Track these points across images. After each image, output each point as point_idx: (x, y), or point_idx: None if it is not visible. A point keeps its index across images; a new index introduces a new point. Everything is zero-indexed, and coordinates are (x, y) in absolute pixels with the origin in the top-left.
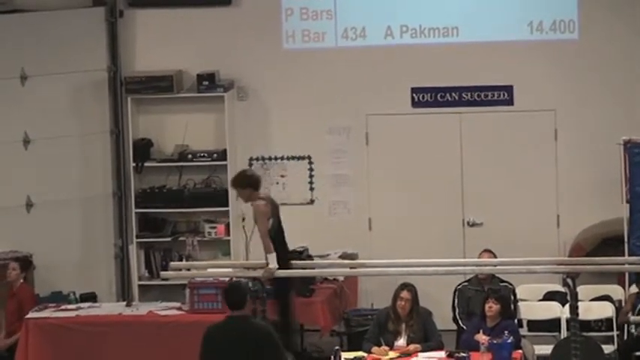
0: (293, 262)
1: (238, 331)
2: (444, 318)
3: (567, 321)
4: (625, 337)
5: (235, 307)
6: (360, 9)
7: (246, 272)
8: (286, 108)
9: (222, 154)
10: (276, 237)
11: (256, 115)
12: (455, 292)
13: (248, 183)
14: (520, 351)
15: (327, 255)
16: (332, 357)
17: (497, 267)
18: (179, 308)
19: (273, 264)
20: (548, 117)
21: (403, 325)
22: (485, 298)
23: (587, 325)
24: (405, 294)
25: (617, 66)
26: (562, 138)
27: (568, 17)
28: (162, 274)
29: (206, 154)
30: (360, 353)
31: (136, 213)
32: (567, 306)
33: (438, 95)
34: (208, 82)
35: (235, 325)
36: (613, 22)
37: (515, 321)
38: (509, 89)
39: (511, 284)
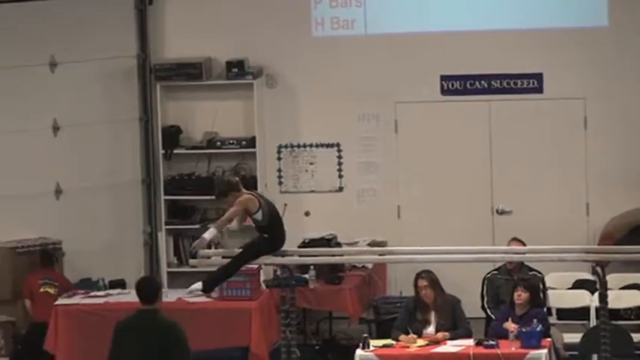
0: (321, 249)
1: (146, 325)
2: (472, 306)
3: (596, 309)
4: None
5: (147, 300)
6: None
7: (274, 259)
8: (315, 95)
9: (251, 142)
10: (269, 224)
11: (285, 102)
12: (484, 281)
13: (229, 189)
14: (549, 339)
15: (356, 242)
16: (360, 344)
17: (527, 255)
18: (208, 295)
19: (209, 235)
20: (578, 105)
21: (432, 313)
22: (514, 286)
23: (617, 313)
24: (422, 282)
25: None
26: (591, 126)
27: (598, 4)
28: (191, 261)
29: (235, 142)
30: (388, 341)
31: (165, 200)
32: (597, 294)
33: (468, 83)
34: (237, 69)
35: (143, 319)
36: None
37: (545, 309)
38: (538, 77)
39: (540, 273)
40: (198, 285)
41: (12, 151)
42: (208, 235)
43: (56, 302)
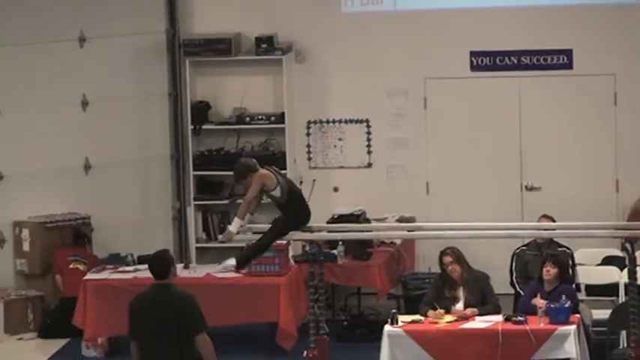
0: (350, 225)
1: (159, 297)
2: (501, 282)
3: (625, 286)
4: None
5: (159, 276)
6: None
7: (304, 235)
8: (344, 71)
9: (280, 117)
10: (288, 201)
11: (314, 78)
12: (513, 257)
13: (247, 171)
14: (578, 315)
15: (385, 218)
16: (389, 320)
17: (556, 231)
18: (236, 270)
19: (234, 228)
20: (608, 81)
21: (460, 290)
22: (543, 262)
23: None
24: (447, 258)
25: None
26: (621, 102)
27: None
28: (220, 237)
29: (264, 117)
30: (417, 317)
31: (193, 175)
32: (626, 270)
33: (497, 59)
34: (267, 44)
35: (158, 293)
36: None
37: (574, 285)
38: (568, 53)
39: (569, 249)
40: (232, 262)
41: (41, 126)
42: (234, 227)
43: (85, 277)
